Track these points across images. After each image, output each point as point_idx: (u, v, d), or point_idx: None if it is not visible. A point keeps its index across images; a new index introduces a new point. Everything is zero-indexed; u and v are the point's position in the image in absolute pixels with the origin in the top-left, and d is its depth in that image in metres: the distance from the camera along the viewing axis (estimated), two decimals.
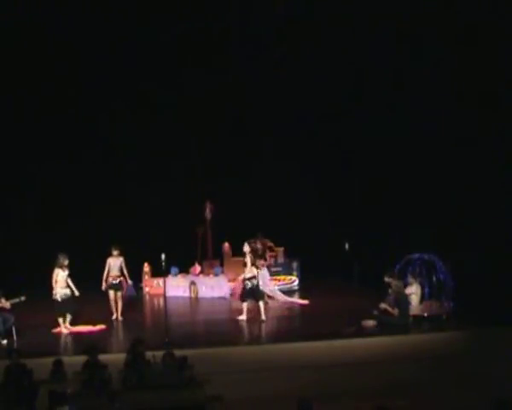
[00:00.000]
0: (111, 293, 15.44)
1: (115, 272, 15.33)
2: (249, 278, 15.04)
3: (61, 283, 14.46)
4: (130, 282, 15.57)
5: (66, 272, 14.55)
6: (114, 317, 15.47)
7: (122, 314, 15.52)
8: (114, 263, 15.34)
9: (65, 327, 14.43)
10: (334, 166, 19.64)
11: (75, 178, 19.63)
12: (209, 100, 19.71)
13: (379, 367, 11.52)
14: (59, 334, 14.31)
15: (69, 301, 14.52)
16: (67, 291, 14.52)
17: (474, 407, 9.63)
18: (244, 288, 15.16)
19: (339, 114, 19.38)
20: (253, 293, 15.06)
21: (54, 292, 14.42)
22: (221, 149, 19.93)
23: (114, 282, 15.33)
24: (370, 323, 14.05)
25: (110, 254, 15.37)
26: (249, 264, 15.12)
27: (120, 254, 15.36)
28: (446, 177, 17.62)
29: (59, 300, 14.44)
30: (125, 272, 15.42)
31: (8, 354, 10.40)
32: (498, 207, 16.51)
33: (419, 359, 11.96)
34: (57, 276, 14.44)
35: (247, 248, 15.45)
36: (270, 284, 17.12)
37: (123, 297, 15.56)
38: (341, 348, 12.77)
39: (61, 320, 14.47)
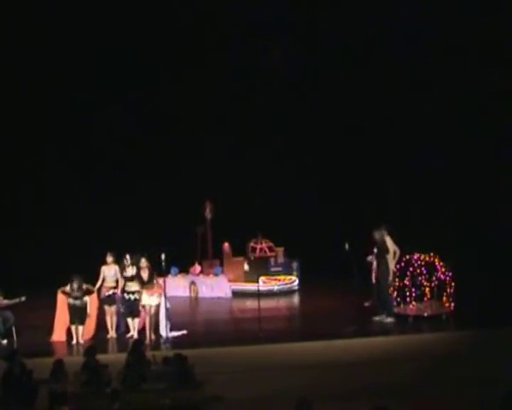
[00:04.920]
0: (106, 308, 14.08)
1: (110, 282, 14.05)
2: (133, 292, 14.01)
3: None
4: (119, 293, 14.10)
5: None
6: (110, 335, 14.02)
7: (117, 330, 14.15)
8: (109, 272, 14.06)
9: (76, 338, 13.55)
10: (335, 165, 19.62)
11: (75, 178, 19.61)
12: (209, 99, 19.72)
13: (379, 367, 11.51)
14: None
15: (79, 310, 13.66)
16: (82, 300, 13.68)
17: (474, 407, 9.63)
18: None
19: (338, 113, 19.37)
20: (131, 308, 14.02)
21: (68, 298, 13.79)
22: (221, 149, 19.92)
23: (108, 294, 14.04)
24: (384, 318, 14.18)
25: (104, 262, 14.18)
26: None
27: (115, 262, 14.13)
28: (446, 176, 17.64)
29: (70, 306, 13.72)
30: (120, 282, 14.06)
31: (11, 357, 10.32)
32: (498, 207, 16.52)
33: (419, 359, 11.95)
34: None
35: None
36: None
37: (117, 312, 14.17)
38: (341, 348, 12.77)
39: (72, 328, 13.64)
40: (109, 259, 14.17)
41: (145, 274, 13.88)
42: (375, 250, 14.83)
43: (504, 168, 17.13)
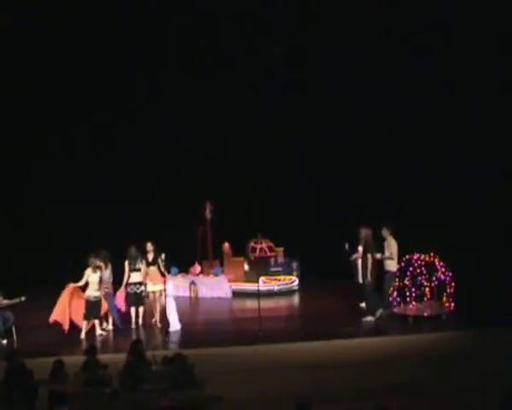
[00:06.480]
0: (104, 303, 14.77)
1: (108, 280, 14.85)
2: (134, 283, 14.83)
3: (93, 285, 14.20)
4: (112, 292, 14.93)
5: (98, 274, 14.24)
6: (104, 326, 14.78)
7: (113, 324, 14.85)
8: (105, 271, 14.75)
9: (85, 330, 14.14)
10: (334, 165, 19.61)
11: (75, 178, 19.62)
12: (209, 100, 19.72)
13: (379, 367, 11.51)
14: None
15: (98, 305, 14.24)
16: (98, 294, 14.25)
17: (474, 406, 9.63)
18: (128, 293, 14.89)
19: (338, 112, 19.36)
20: (136, 298, 14.86)
21: (85, 294, 14.24)
22: (221, 149, 19.92)
23: (105, 291, 14.70)
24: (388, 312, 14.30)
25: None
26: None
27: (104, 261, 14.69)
28: (445, 176, 17.63)
29: (88, 302, 14.17)
30: (113, 280, 14.95)
31: (11, 357, 10.33)
32: (498, 206, 16.52)
33: (419, 359, 11.95)
34: (88, 277, 14.19)
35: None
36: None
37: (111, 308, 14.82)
38: (341, 348, 12.78)
39: (85, 323, 14.18)
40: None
41: (150, 256, 14.98)
42: (360, 248, 14.87)
43: (504, 168, 17.12)
